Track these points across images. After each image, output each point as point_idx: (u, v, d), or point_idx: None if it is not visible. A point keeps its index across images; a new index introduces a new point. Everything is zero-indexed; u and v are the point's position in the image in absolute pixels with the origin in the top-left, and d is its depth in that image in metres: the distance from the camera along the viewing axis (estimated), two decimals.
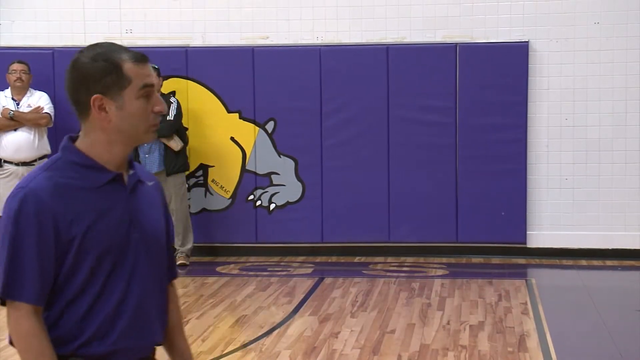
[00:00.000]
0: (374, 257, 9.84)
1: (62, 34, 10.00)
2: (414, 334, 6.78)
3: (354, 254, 9.94)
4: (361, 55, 9.81)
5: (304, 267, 9.51)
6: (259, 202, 10.02)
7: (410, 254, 9.86)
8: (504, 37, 9.73)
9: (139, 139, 2.60)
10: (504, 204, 9.74)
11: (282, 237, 10.00)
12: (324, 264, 9.67)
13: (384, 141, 9.80)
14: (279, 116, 9.89)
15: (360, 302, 7.88)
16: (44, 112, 9.07)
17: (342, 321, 7.21)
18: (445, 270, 9.29)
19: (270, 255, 9.92)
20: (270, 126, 9.92)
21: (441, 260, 9.70)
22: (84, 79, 2.53)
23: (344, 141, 9.84)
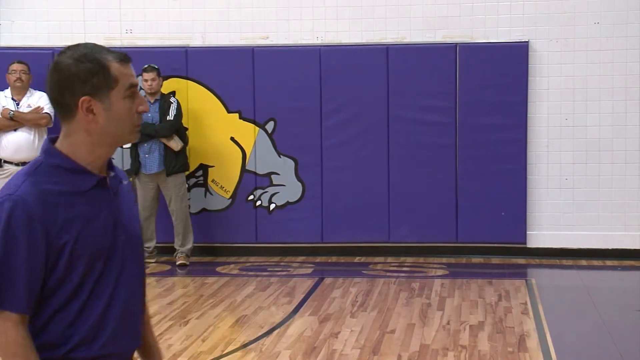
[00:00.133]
0: (374, 257, 9.84)
1: (62, 34, 10.00)
2: (414, 334, 6.78)
3: (354, 254, 9.93)
4: (361, 55, 9.81)
5: (304, 267, 9.51)
6: (259, 202, 10.02)
7: (410, 254, 9.86)
8: (504, 37, 9.73)
9: (123, 139, 2.56)
10: (504, 204, 9.74)
11: (282, 237, 10.00)
12: (324, 264, 9.67)
13: (384, 141, 9.80)
14: (279, 116, 9.89)
15: (360, 302, 7.88)
16: (44, 112, 9.07)
17: (342, 321, 7.21)
18: (445, 270, 9.29)
19: (270, 255, 9.92)
20: (270, 126, 9.92)
21: (441, 260, 9.70)
22: (68, 81, 2.48)
23: (344, 141, 9.84)
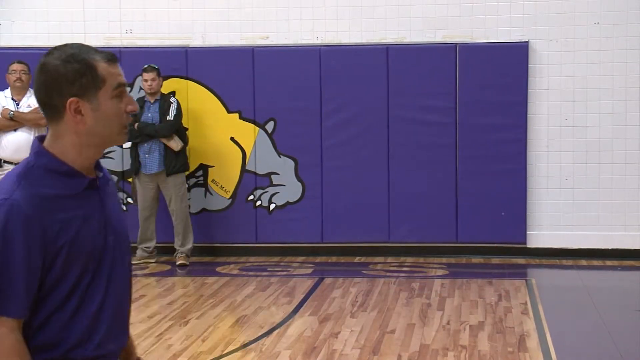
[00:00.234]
0: (374, 257, 9.84)
1: (62, 34, 10.00)
2: (414, 334, 6.78)
3: (354, 254, 9.93)
4: (361, 55, 9.81)
5: (304, 267, 9.51)
6: (259, 202, 10.02)
7: (410, 254, 9.86)
8: (504, 37, 9.73)
9: (112, 140, 2.54)
10: (504, 204, 9.74)
11: (282, 237, 10.00)
12: (324, 264, 9.67)
13: (384, 141, 9.80)
14: (279, 116, 9.89)
15: (360, 302, 7.88)
16: None
17: (342, 321, 7.20)
18: (445, 270, 9.29)
19: (270, 255, 9.92)
20: (270, 126, 9.92)
21: (441, 260, 9.70)
22: (56, 82, 2.45)
23: (344, 141, 9.84)
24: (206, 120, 9.93)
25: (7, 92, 9.18)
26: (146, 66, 9.36)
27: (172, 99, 9.44)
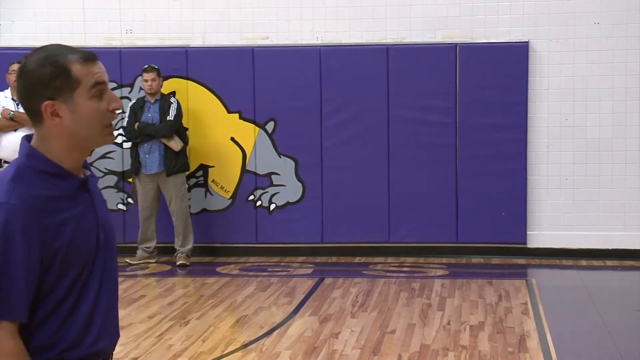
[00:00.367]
0: (374, 257, 9.84)
1: (62, 34, 10.00)
2: (414, 334, 6.78)
3: (354, 254, 9.93)
4: (361, 55, 9.81)
5: (304, 267, 9.51)
6: (259, 203, 10.02)
7: (410, 254, 9.86)
8: (504, 37, 9.73)
9: (95, 140, 2.52)
10: (504, 204, 9.74)
11: (282, 237, 10.00)
12: (324, 265, 9.67)
13: (384, 141, 9.80)
14: (279, 116, 9.89)
15: (360, 302, 7.88)
16: None
17: (342, 321, 7.20)
18: (445, 270, 9.29)
19: (270, 255, 9.92)
20: (270, 126, 9.92)
21: (441, 260, 9.70)
22: (32, 86, 2.44)
23: (344, 141, 9.84)
24: (206, 120, 9.93)
25: (7, 92, 9.19)
26: (146, 66, 9.36)
27: (172, 99, 9.44)
